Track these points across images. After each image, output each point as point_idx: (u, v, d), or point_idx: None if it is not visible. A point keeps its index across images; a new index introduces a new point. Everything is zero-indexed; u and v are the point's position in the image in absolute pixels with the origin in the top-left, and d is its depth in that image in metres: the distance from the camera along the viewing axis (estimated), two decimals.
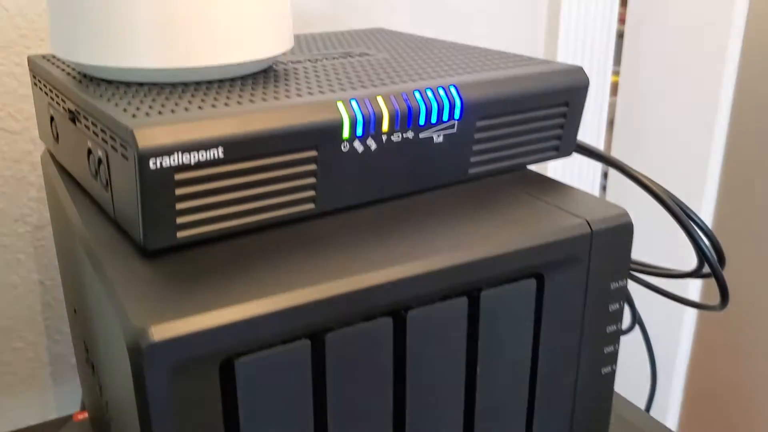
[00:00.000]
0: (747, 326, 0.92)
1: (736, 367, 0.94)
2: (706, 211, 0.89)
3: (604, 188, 0.97)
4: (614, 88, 0.92)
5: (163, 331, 0.27)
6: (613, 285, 0.38)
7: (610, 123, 0.94)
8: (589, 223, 0.36)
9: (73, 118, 0.37)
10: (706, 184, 0.88)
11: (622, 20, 0.89)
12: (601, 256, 0.37)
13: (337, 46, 0.49)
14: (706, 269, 0.53)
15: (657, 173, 0.92)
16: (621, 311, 0.39)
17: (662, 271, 0.59)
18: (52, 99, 0.41)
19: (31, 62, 0.44)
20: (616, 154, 0.95)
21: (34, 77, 0.44)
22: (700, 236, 0.50)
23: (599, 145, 0.89)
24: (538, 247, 0.35)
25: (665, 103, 0.89)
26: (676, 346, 0.94)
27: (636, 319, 0.66)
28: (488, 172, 0.42)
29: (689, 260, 0.89)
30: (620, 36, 0.90)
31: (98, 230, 0.35)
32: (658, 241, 0.91)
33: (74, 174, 0.40)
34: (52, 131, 0.42)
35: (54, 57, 0.45)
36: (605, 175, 0.97)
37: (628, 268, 0.38)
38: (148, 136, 0.30)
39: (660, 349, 0.96)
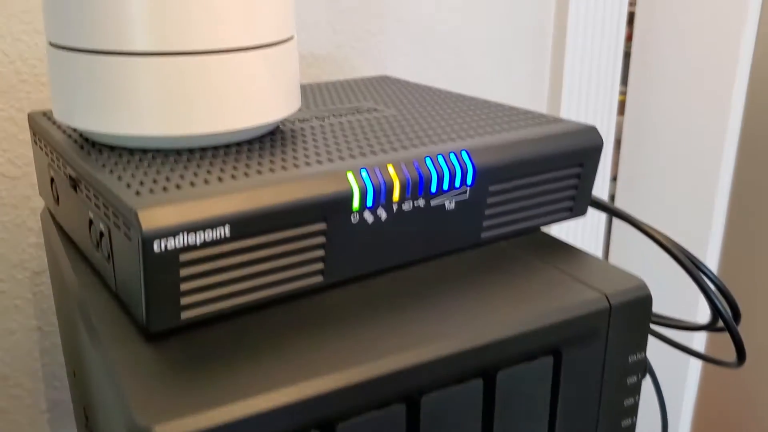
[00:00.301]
0: (753, 375, 0.91)
1: (742, 414, 0.93)
2: (715, 237, 0.88)
3: (611, 215, 0.96)
4: (621, 108, 0.91)
5: (167, 430, 0.26)
6: (632, 358, 0.37)
7: (618, 142, 0.92)
8: (607, 297, 0.35)
9: (75, 185, 0.36)
10: (714, 211, 0.86)
11: (628, 38, 0.88)
12: (620, 330, 0.36)
13: (344, 99, 0.48)
14: (720, 323, 0.52)
15: (665, 197, 0.90)
16: (639, 384, 0.38)
17: (673, 322, 0.57)
18: (53, 161, 0.40)
19: (32, 120, 0.43)
20: (623, 176, 0.94)
21: (34, 135, 0.43)
22: (713, 291, 0.49)
23: (606, 167, 0.87)
24: (556, 325, 0.33)
25: (673, 122, 0.88)
26: (682, 394, 0.93)
27: (647, 368, 0.65)
28: (501, 236, 0.41)
29: (695, 305, 0.88)
30: (627, 55, 0.89)
31: (99, 303, 0.34)
32: (664, 285, 0.90)
33: (74, 238, 0.39)
34: (53, 192, 0.41)
35: None
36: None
37: (646, 340, 0.37)
38: (153, 218, 0.29)
39: (666, 396, 0.95)
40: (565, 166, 0.41)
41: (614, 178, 0.95)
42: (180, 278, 0.30)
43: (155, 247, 0.29)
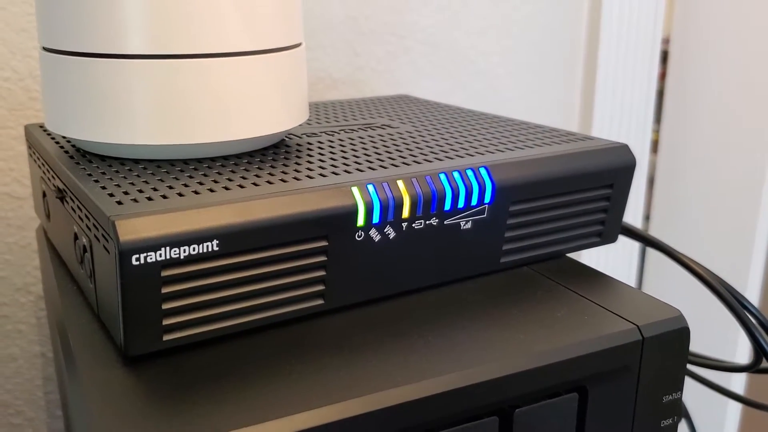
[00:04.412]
0: None
1: None
2: (755, 270, 0.83)
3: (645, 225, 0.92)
4: (654, 146, 0.88)
5: None
6: (666, 398, 0.33)
7: (651, 181, 0.89)
8: (639, 329, 0.31)
9: (62, 197, 0.34)
10: (753, 249, 0.82)
11: (662, 76, 0.85)
12: (653, 366, 0.32)
13: (357, 116, 0.46)
14: (764, 364, 0.48)
15: (700, 236, 0.86)
16: (674, 428, 0.34)
17: (713, 362, 0.53)
18: (44, 174, 0.37)
19: (28, 131, 0.41)
20: (656, 214, 0.90)
21: (30, 147, 0.41)
22: (756, 328, 0.45)
23: (638, 204, 0.84)
24: (582, 359, 0.30)
25: (708, 160, 0.85)
26: None
27: (683, 411, 0.60)
28: (522, 262, 0.37)
29: (735, 344, 0.83)
30: (659, 93, 0.86)
31: (79, 326, 0.31)
32: (701, 322, 0.85)
33: (63, 257, 0.37)
34: (45, 207, 0.39)
35: None
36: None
37: (683, 378, 0.33)
38: (131, 228, 0.26)
39: None
40: (593, 187, 0.37)
41: (647, 217, 0.91)
42: (162, 297, 0.27)
43: (134, 260, 0.26)
